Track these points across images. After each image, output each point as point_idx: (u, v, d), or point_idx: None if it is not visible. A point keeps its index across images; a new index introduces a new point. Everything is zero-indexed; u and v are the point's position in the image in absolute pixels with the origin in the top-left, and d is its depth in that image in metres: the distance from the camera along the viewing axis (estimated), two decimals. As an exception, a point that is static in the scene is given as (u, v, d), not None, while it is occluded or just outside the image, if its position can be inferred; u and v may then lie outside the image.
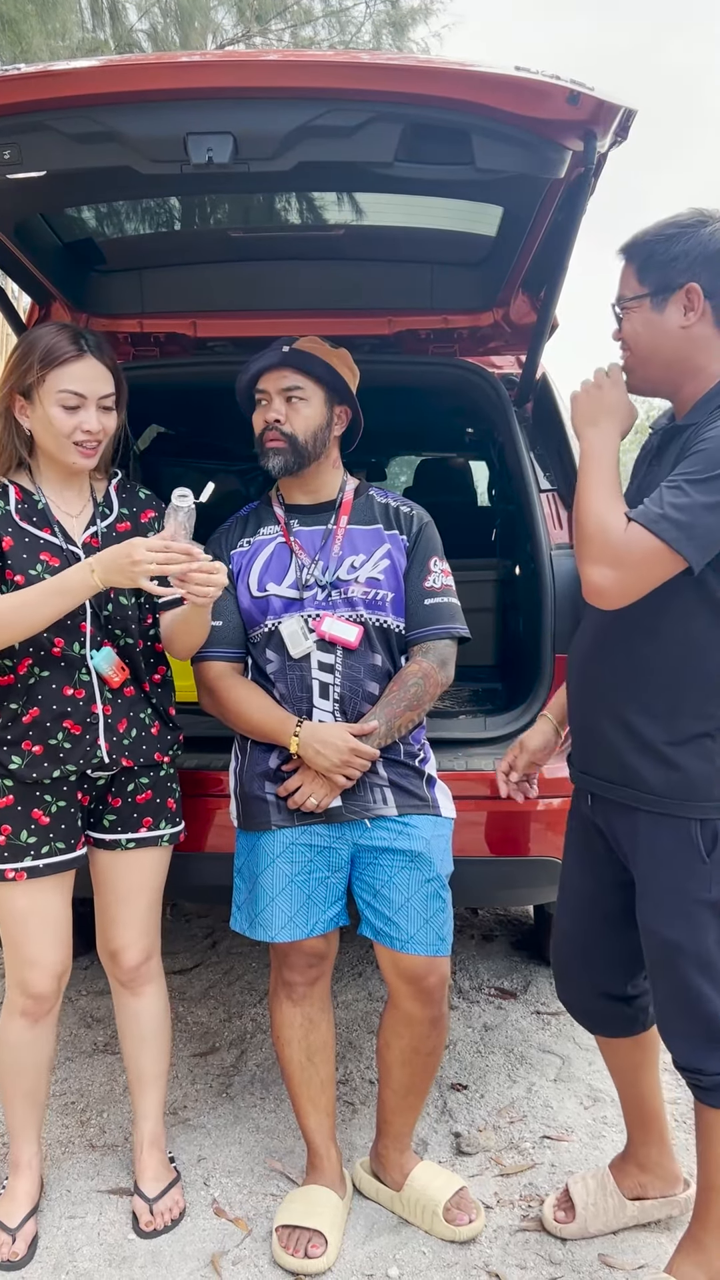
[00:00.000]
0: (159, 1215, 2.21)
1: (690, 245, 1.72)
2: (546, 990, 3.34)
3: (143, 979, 2.24)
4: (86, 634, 2.05)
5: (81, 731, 2.06)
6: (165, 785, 2.21)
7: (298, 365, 2.20)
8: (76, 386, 1.99)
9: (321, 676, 2.17)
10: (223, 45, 11.62)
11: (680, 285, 1.73)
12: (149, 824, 2.17)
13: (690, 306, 1.74)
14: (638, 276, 1.78)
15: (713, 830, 1.78)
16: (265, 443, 2.21)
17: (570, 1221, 2.14)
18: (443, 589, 2.28)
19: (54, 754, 2.05)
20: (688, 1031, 1.85)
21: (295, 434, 2.20)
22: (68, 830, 2.09)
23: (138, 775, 2.16)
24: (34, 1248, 2.14)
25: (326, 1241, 2.10)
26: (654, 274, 1.75)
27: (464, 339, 3.06)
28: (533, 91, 1.79)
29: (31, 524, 2.05)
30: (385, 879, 2.13)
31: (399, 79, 1.83)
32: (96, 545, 2.08)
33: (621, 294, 1.82)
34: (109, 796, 2.16)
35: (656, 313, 1.76)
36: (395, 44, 12.08)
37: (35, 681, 2.04)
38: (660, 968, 1.87)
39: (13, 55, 8.85)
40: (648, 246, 1.77)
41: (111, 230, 2.85)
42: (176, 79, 1.83)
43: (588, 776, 1.97)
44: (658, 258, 1.75)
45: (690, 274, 1.72)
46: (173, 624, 2.15)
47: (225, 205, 2.79)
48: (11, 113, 1.86)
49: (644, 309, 1.77)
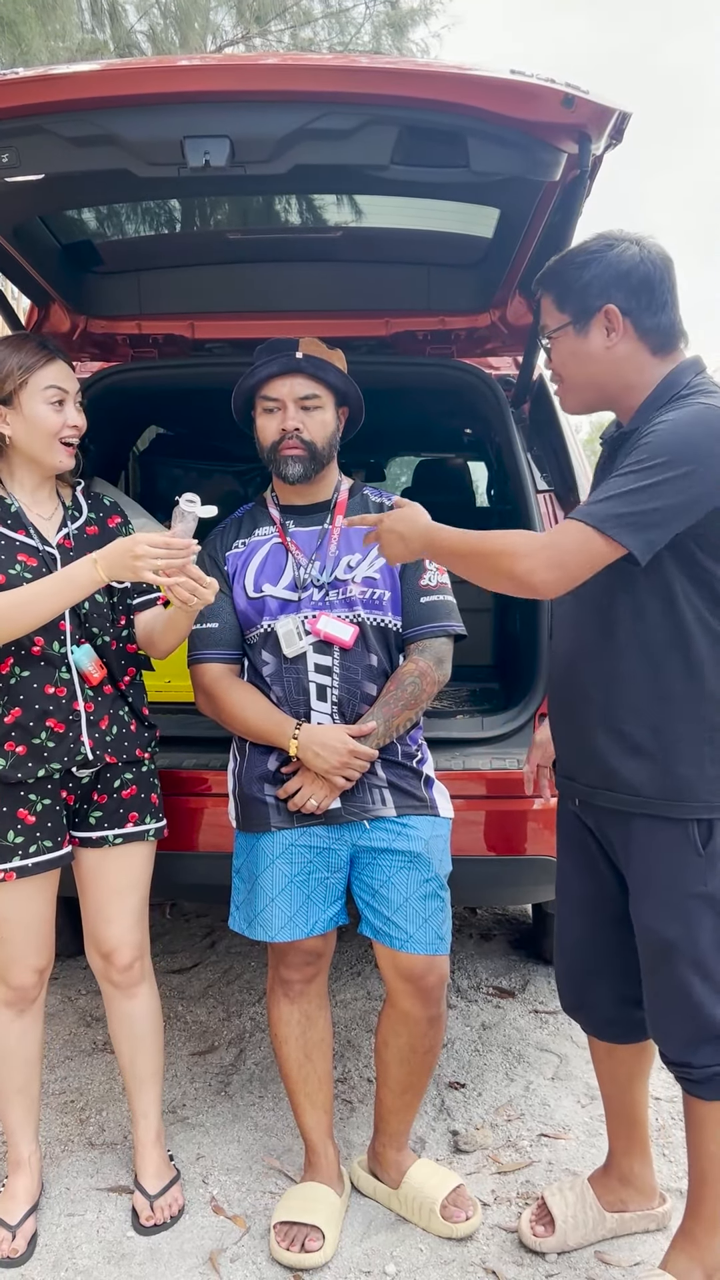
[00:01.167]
0: (159, 1211, 2.22)
1: (601, 269, 1.77)
2: (544, 989, 3.35)
3: (135, 979, 2.25)
4: (66, 632, 2.09)
5: (65, 729, 2.08)
6: (148, 780, 2.24)
7: (312, 372, 2.20)
8: (59, 383, 2.07)
9: (319, 679, 2.17)
10: (222, 47, 11.64)
11: (598, 308, 1.77)
12: (135, 819, 2.19)
13: (611, 327, 1.78)
14: (557, 306, 1.83)
15: (708, 827, 1.79)
16: (282, 450, 2.21)
17: (549, 1235, 2.13)
18: (438, 587, 2.29)
19: (38, 753, 2.06)
20: (679, 1028, 1.86)
21: (314, 441, 2.21)
22: (54, 829, 2.10)
23: (122, 771, 2.19)
24: (33, 1245, 2.15)
25: (324, 1236, 2.10)
26: (572, 301, 1.80)
27: (461, 340, 3.07)
28: (527, 94, 1.80)
29: (6, 527, 2.10)
30: (384, 879, 2.14)
31: (394, 82, 1.84)
32: (70, 546, 2.13)
33: (545, 325, 1.87)
34: (94, 794, 2.17)
35: (581, 338, 1.81)
36: (395, 45, 12.10)
37: (16, 681, 2.06)
38: (655, 965, 1.87)
39: (12, 57, 8.87)
40: (562, 276, 1.82)
41: (109, 232, 2.86)
42: (173, 82, 1.84)
43: (574, 783, 1.97)
44: (573, 285, 1.79)
45: (605, 296, 1.77)
46: (154, 623, 2.19)
47: (223, 207, 2.80)
48: (9, 116, 1.87)
49: (569, 336, 1.82)
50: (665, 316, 1.79)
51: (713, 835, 1.80)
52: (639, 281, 1.76)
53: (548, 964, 3.49)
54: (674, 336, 1.81)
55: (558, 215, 2.25)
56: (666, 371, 1.79)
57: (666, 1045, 1.90)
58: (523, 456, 2.82)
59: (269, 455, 2.24)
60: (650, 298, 1.77)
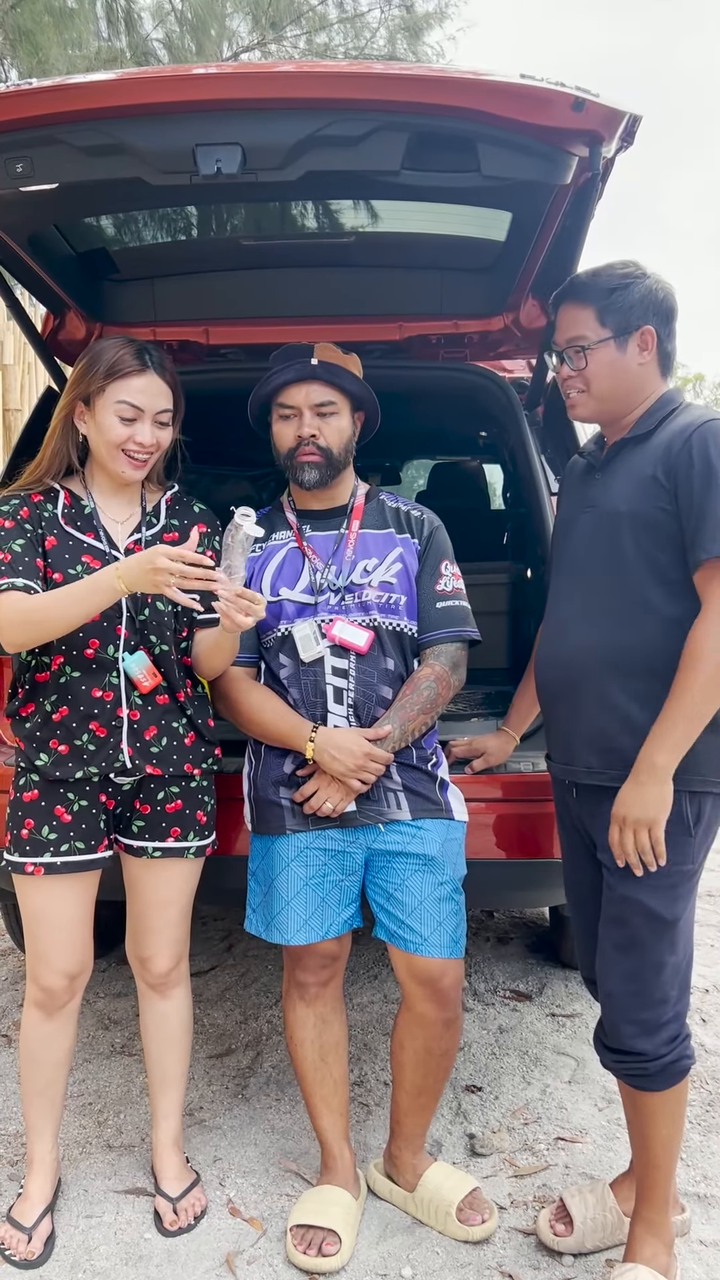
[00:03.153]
0: (182, 1214, 2.23)
1: (644, 293, 1.95)
2: (561, 993, 3.34)
3: (171, 983, 2.27)
4: (121, 637, 2.09)
5: (106, 734, 2.08)
6: (196, 797, 2.21)
7: (327, 379, 2.21)
8: (135, 399, 2.07)
9: (335, 681, 2.18)
10: (238, 53, 11.67)
11: (638, 327, 1.95)
12: (176, 834, 2.18)
13: (645, 346, 1.97)
14: (599, 319, 1.96)
15: (699, 803, 1.87)
16: (299, 457, 2.22)
17: (568, 1235, 2.14)
18: (454, 592, 2.29)
19: (78, 754, 2.07)
20: (639, 1013, 1.91)
21: (330, 448, 2.22)
22: (88, 831, 2.11)
23: (167, 784, 2.17)
24: (50, 1246, 2.16)
25: (340, 1240, 2.11)
26: (614, 317, 1.95)
27: (474, 344, 3.07)
28: (537, 99, 1.80)
29: (76, 528, 2.11)
30: (399, 882, 2.15)
31: (404, 88, 1.85)
32: (138, 551, 2.10)
33: (583, 335, 1.98)
34: (137, 803, 2.17)
35: (620, 353, 1.96)
36: (410, 49, 12.08)
37: (66, 680, 2.08)
38: (630, 944, 1.91)
39: (30, 66, 8.93)
40: (607, 293, 1.96)
41: (124, 240, 2.88)
42: (185, 91, 1.86)
43: (572, 768, 2.02)
44: (618, 303, 1.95)
45: (645, 318, 1.95)
46: (203, 642, 2.19)
47: (236, 214, 2.82)
48: (23, 127, 1.89)
49: (609, 349, 1.96)
50: (674, 345, 2.01)
51: (702, 812, 1.88)
52: (669, 310, 1.98)
53: (565, 967, 3.49)
54: (674, 362, 2.04)
55: (570, 218, 2.26)
56: (663, 391, 2.02)
57: (624, 1034, 1.93)
58: (536, 459, 2.82)
59: (286, 461, 2.25)
60: (670, 327, 1.99)
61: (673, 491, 1.87)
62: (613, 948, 1.94)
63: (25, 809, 2.09)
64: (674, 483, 1.87)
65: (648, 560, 1.90)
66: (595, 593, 1.98)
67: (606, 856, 1.95)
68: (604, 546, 1.97)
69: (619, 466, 2.00)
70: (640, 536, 1.91)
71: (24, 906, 2.13)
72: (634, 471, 1.95)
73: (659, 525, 1.88)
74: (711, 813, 1.91)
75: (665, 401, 1.99)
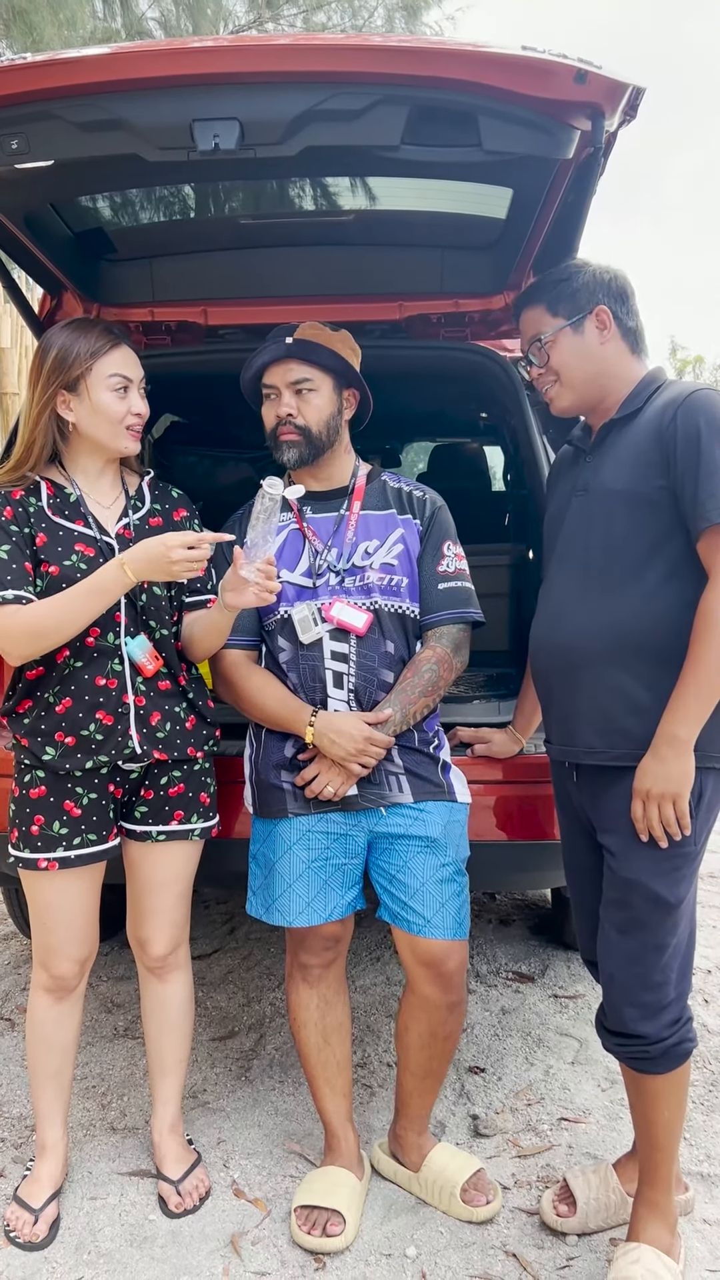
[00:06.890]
0: (186, 1195, 2.23)
1: (588, 277, 2.02)
2: (564, 974, 3.35)
3: (170, 967, 2.27)
4: (121, 624, 2.08)
5: (113, 722, 2.07)
6: (199, 779, 2.21)
7: (303, 356, 2.19)
8: (123, 370, 2.08)
9: (335, 666, 2.17)
10: (235, 32, 11.56)
11: (590, 309, 2.00)
12: (180, 817, 2.18)
13: (602, 325, 2.01)
14: (550, 312, 2.03)
15: (701, 781, 1.85)
16: (279, 437, 2.21)
17: (571, 1215, 2.15)
18: (456, 573, 2.27)
19: (86, 745, 2.06)
20: (641, 995, 1.91)
21: (309, 425, 2.20)
22: (99, 822, 2.10)
23: (171, 769, 2.17)
24: (55, 1229, 2.17)
25: (345, 1221, 2.11)
26: (565, 304, 2.02)
27: (475, 323, 3.05)
28: (539, 71, 1.77)
29: (64, 517, 2.09)
30: (401, 864, 2.14)
31: (404, 61, 1.82)
32: (129, 536, 2.11)
33: (540, 332, 2.04)
34: (142, 789, 2.17)
35: (578, 336, 2.01)
36: (408, 28, 11.96)
37: (69, 671, 2.06)
38: (632, 926, 1.90)
39: (24, 46, 8.83)
40: (552, 286, 2.04)
41: (121, 219, 2.85)
42: (181, 65, 1.82)
43: (572, 748, 2.01)
44: (564, 291, 2.02)
45: (594, 299, 2.01)
46: (195, 625, 2.18)
47: (235, 192, 2.79)
48: (18, 102, 1.86)
49: (567, 336, 2.02)
50: (637, 322, 2.05)
51: (704, 790, 1.87)
52: (619, 289, 2.03)
53: (567, 949, 3.49)
54: (644, 340, 2.07)
55: (572, 194, 2.23)
56: (644, 371, 2.04)
57: (626, 1016, 1.93)
58: (538, 439, 2.80)
59: (270, 442, 2.24)
60: (627, 304, 2.03)
61: (666, 464, 1.86)
62: (614, 930, 1.94)
63: (33, 805, 2.07)
64: (667, 454, 1.86)
65: (644, 537, 1.90)
66: (591, 574, 1.97)
67: (607, 839, 1.94)
68: (599, 527, 1.96)
69: (609, 447, 2.00)
70: (635, 514, 1.90)
71: (34, 900, 2.12)
72: (625, 449, 1.95)
73: (654, 501, 1.88)
74: (713, 791, 1.90)
75: (649, 380, 2.01)
